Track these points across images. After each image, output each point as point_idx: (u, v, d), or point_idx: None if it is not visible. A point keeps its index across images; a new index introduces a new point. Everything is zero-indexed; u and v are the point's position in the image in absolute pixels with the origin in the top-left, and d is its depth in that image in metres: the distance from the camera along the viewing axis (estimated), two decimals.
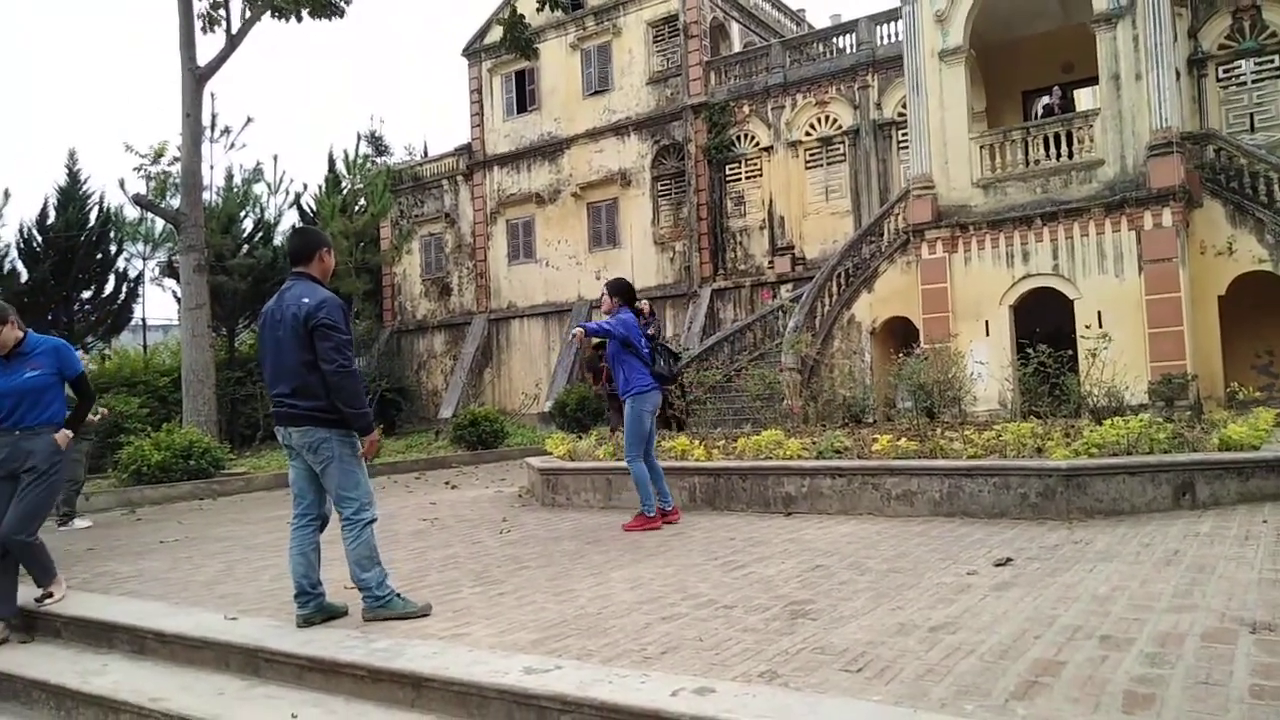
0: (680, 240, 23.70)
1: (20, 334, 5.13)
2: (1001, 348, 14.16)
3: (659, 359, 6.98)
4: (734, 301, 22.75)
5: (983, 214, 14.85)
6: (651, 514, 6.87)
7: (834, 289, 16.75)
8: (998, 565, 4.83)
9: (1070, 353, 10.49)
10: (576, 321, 24.54)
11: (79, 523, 9.37)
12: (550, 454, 9.59)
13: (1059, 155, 14.40)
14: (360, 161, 24.59)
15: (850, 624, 3.85)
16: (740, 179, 23.00)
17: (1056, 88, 16.65)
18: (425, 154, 32.81)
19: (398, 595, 4.46)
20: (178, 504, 11.36)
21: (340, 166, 25.67)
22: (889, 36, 20.79)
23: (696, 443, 8.51)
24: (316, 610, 4.39)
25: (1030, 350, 10.18)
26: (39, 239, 23.02)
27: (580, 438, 9.62)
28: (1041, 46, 16.88)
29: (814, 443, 7.95)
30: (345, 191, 23.30)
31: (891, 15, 20.29)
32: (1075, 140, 14.33)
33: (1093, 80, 15.30)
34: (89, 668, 4.37)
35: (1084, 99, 17.25)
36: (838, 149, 21.59)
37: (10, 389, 5.00)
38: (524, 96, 26.68)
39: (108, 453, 13.43)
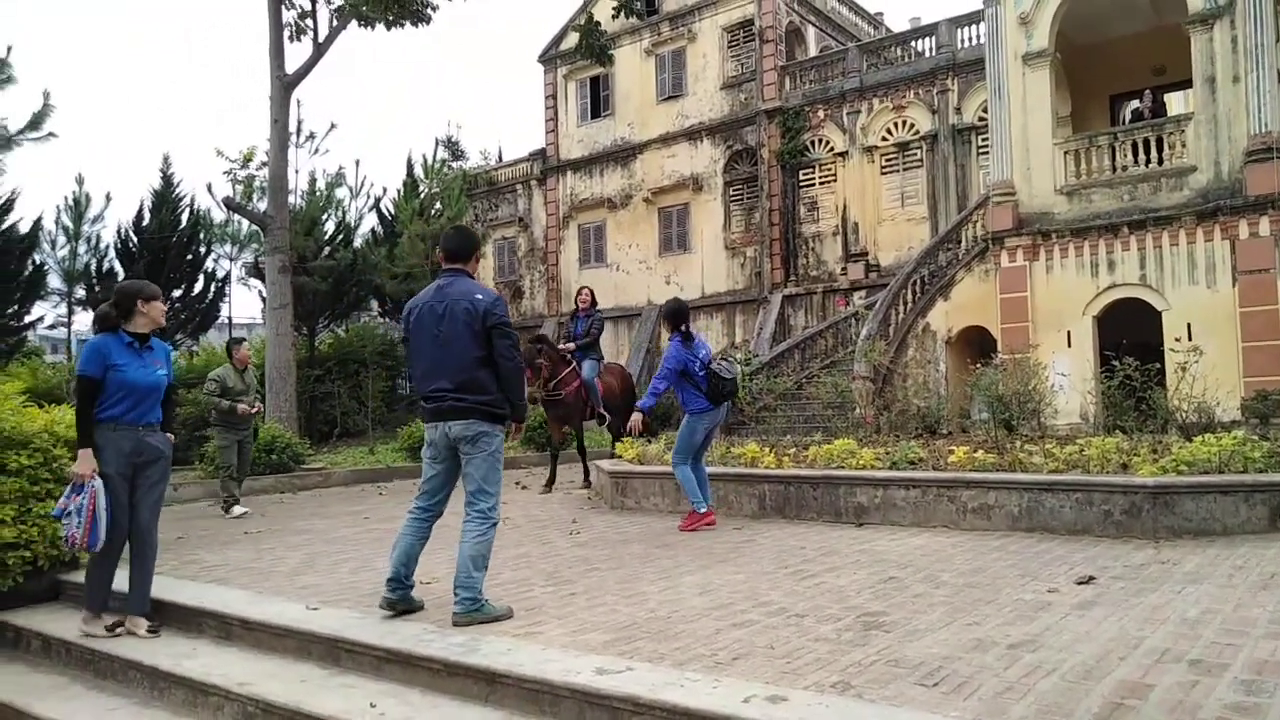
0: (752, 246, 23.58)
1: None
2: (1084, 359, 13.72)
3: (713, 383, 7.06)
4: (805, 308, 22.53)
5: (1066, 222, 14.43)
6: (702, 510, 6.98)
7: (909, 297, 16.45)
8: (1080, 583, 4.69)
9: (1158, 366, 10.11)
10: (646, 328, 24.61)
11: (236, 509, 9.56)
12: (620, 457, 9.64)
13: (1148, 161, 13.89)
14: (437, 166, 25.07)
15: (925, 638, 3.78)
16: (814, 184, 22.79)
17: (1147, 91, 16.04)
18: (500, 159, 33.33)
19: (487, 600, 4.47)
20: (259, 496, 11.73)
21: (418, 171, 26.24)
22: (970, 39, 20.38)
23: (767, 450, 8.46)
24: (402, 599, 4.50)
25: (1115, 363, 9.85)
26: (134, 240, 24.03)
27: (649, 441, 9.63)
28: (1131, 48, 16.30)
29: (888, 453, 7.84)
30: (423, 195, 23.78)
31: (973, 18, 19.88)
32: (1166, 146, 13.80)
33: (1186, 83, 14.72)
34: (180, 650, 4.55)
35: (1175, 103, 16.61)
36: (915, 154, 21.22)
37: (146, 382, 4.85)
38: (598, 102, 26.90)
39: (194, 445, 13.96)
